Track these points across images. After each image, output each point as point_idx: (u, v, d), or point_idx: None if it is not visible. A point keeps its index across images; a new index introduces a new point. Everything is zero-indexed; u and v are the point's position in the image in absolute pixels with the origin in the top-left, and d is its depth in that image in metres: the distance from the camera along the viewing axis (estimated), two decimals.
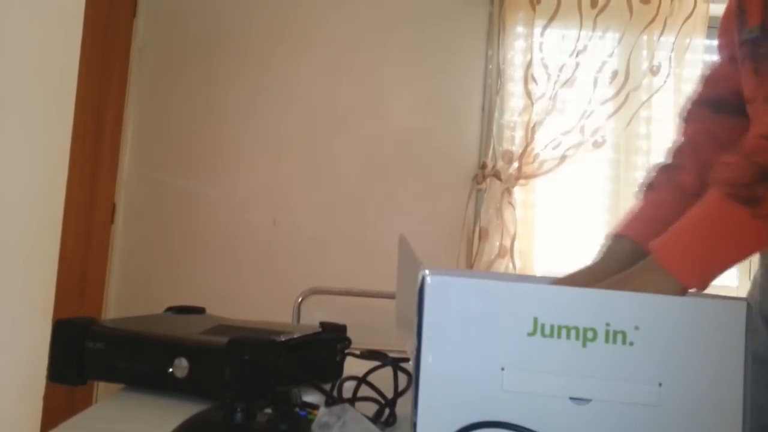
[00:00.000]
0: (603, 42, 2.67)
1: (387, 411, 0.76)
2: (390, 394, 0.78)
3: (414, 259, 0.65)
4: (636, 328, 0.56)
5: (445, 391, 0.56)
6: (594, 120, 2.64)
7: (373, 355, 0.84)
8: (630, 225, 0.96)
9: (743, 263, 0.74)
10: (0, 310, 1.60)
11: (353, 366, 0.89)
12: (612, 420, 0.56)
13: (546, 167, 2.64)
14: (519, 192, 2.67)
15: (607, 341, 0.56)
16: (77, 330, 0.85)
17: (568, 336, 0.56)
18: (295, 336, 0.87)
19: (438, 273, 0.57)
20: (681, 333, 0.57)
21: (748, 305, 0.59)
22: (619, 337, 0.56)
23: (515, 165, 2.64)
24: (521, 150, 2.63)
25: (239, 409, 0.59)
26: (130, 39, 2.71)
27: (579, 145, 2.64)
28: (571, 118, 2.64)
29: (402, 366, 0.80)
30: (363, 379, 0.82)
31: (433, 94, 2.75)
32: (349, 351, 0.94)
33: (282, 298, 2.06)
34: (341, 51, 2.76)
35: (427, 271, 0.56)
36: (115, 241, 2.70)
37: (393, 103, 2.75)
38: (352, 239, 2.70)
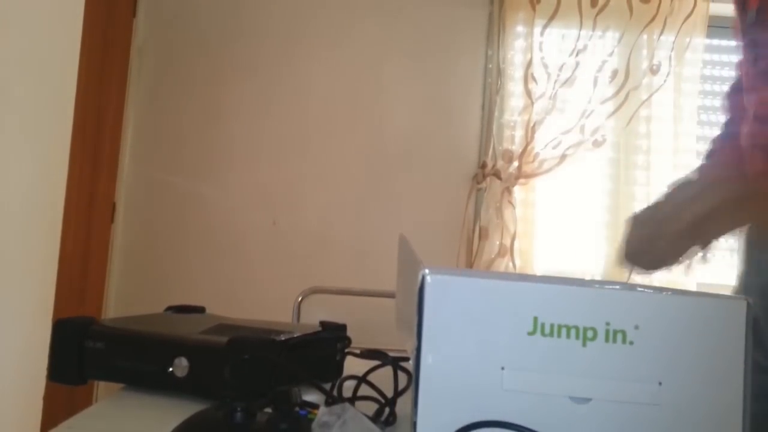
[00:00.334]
0: (603, 41, 2.67)
1: (387, 410, 0.76)
2: (390, 393, 0.78)
3: (414, 258, 0.65)
4: (636, 327, 0.56)
5: (445, 390, 0.56)
6: (594, 119, 2.64)
7: (373, 355, 0.84)
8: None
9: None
10: (0, 309, 1.60)
11: (353, 365, 0.89)
12: (612, 419, 0.56)
13: (546, 166, 2.64)
14: (519, 191, 2.67)
15: (607, 340, 0.56)
16: (77, 329, 0.85)
17: (568, 335, 0.56)
18: (295, 335, 0.87)
19: (438, 272, 0.56)
20: (681, 332, 0.57)
21: (748, 304, 0.59)
22: (619, 336, 0.56)
23: (515, 164, 2.64)
24: (521, 149, 2.63)
25: (239, 409, 0.59)
26: (129, 39, 2.71)
27: (579, 145, 2.64)
28: (571, 117, 2.64)
29: (402, 365, 0.80)
30: (363, 379, 0.82)
31: (433, 93, 2.75)
32: (349, 350, 0.94)
33: (282, 297, 2.05)
34: (341, 51, 2.76)
35: (427, 270, 0.56)
36: (115, 241, 2.71)
37: (393, 103, 2.75)
38: (352, 239, 2.70)
